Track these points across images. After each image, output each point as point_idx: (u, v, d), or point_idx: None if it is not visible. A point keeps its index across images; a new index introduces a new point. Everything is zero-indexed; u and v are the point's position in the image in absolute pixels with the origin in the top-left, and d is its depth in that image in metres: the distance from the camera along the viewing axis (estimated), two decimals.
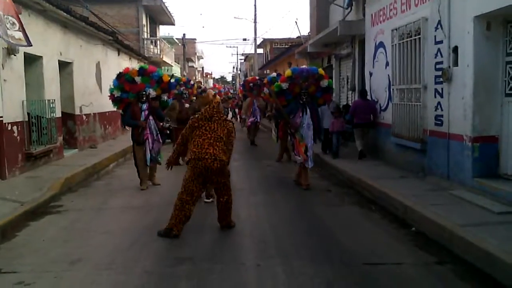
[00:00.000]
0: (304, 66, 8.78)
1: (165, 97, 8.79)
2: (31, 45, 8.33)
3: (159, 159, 8.39)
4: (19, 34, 7.57)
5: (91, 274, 4.38)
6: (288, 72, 8.31)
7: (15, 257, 4.85)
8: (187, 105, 11.03)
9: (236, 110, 26.23)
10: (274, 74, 11.63)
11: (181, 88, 11.84)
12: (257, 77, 17.09)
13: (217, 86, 41.46)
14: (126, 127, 10.24)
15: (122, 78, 8.33)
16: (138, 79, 8.27)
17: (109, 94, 8.57)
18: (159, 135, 8.34)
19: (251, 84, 15.83)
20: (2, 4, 7.15)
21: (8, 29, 7.40)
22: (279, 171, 10.07)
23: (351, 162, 9.68)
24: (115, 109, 9.12)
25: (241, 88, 18.52)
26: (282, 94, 8.26)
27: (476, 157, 6.53)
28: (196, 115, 5.76)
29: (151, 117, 8.23)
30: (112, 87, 8.47)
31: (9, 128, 8.56)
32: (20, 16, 8.70)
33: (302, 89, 8.05)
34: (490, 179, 6.36)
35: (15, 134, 8.78)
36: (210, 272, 4.37)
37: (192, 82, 16.49)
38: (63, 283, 4.21)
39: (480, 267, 4.29)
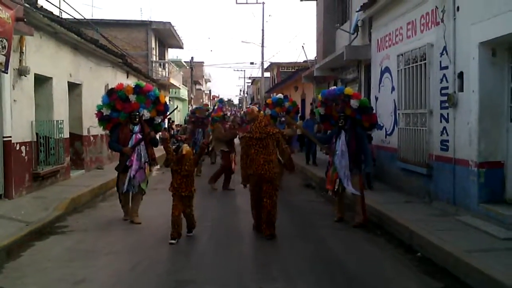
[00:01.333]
0: (333, 87, 8.14)
1: (159, 120, 7.87)
2: (7, 73, 7.70)
3: (142, 188, 7.46)
4: (3, 58, 7.36)
5: None
6: (319, 96, 7.96)
7: (20, 277, 4.86)
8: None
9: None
10: (281, 95, 11.47)
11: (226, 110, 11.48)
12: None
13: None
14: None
15: (114, 95, 7.44)
16: (132, 97, 7.40)
17: (96, 112, 7.66)
18: (146, 163, 7.45)
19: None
20: (1, 27, 7.08)
21: None
22: (284, 194, 10.02)
23: None
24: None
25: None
26: (327, 119, 7.85)
27: (482, 183, 6.51)
28: (247, 135, 6.41)
29: (142, 143, 7.38)
30: (101, 104, 7.56)
31: (17, 148, 8.64)
32: (32, 38, 8.90)
33: (338, 112, 7.45)
34: (496, 205, 6.32)
35: (23, 154, 8.86)
36: None
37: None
38: None
39: None
